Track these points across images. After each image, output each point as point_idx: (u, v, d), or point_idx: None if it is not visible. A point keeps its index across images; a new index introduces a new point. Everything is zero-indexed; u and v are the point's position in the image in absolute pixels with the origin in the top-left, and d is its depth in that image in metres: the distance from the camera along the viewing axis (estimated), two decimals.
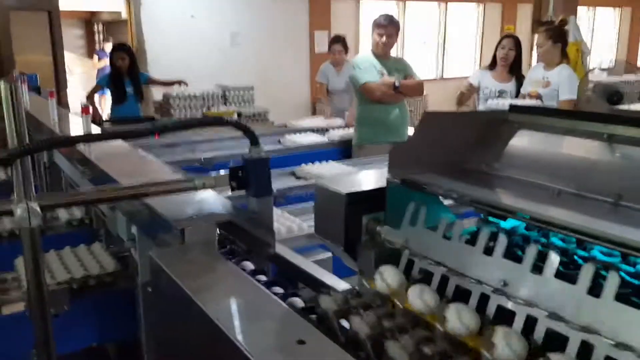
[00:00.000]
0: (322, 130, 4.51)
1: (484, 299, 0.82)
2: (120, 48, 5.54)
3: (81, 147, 2.04)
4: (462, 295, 0.86)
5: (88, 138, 1.06)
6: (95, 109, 5.35)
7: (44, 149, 1.01)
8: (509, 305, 0.79)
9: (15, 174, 1.02)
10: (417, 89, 3.99)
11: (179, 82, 5.81)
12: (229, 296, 0.86)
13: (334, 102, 5.25)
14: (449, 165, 1.03)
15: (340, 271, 1.35)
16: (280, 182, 2.99)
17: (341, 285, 1.31)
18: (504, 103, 3.88)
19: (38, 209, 1.03)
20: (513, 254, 0.84)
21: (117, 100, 5.42)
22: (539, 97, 3.88)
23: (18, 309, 1.81)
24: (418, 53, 9.51)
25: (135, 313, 1.81)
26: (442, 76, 9.94)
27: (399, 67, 3.95)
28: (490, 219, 1.02)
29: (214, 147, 4.05)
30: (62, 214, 2.82)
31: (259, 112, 5.71)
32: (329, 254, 1.70)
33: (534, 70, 4.17)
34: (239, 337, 0.73)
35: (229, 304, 0.84)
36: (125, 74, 5.35)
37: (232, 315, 0.80)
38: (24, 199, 1.03)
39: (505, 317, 0.79)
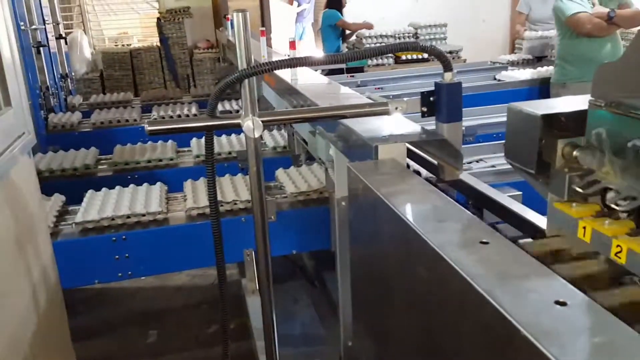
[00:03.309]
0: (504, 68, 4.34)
1: None
2: None
3: (287, 78, 2.27)
4: None
5: (300, 62, 1.21)
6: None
7: (267, 70, 1.18)
8: None
9: (243, 92, 1.22)
10: (635, 19, 3.46)
11: (367, 26, 6.04)
12: (418, 201, 0.94)
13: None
14: None
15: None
16: None
17: (528, 213, 1.31)
18: None
19: (260, 122, 1.22)
20: None
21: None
22: None
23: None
24: None
25: (329, 227, 2.03)
26: None
27: None
28: None
29: (402, 86, 4.11)
30: (268, 141, 3.20)
31: (451, 51, 5.54)
32: (519, 193, 1.68)
33: None
34: (428, 235, 0.81)
35: (419, 207, 0.92)
36: None
37: (421, 217, 0.88)
38: (250, 114, 1.23)
39: None
